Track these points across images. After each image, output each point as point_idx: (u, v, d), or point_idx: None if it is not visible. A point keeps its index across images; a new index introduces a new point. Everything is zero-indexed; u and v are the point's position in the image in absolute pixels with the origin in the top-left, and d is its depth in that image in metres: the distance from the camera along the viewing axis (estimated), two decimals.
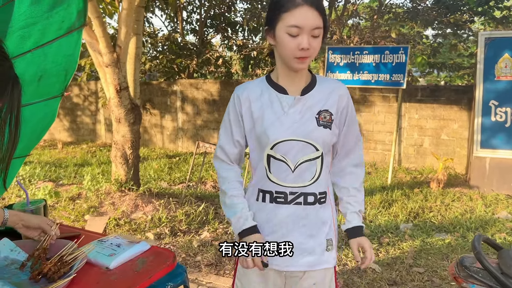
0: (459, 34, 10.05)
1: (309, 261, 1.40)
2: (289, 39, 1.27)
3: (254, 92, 1.43)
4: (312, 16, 1.25)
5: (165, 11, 10.24)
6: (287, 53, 1.30)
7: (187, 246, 3.57)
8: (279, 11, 1.28)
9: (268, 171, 1.40)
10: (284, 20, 1.27)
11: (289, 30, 1.26)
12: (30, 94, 1.89)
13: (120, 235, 1.49)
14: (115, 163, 4.45)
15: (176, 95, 8.94)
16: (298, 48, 1.27)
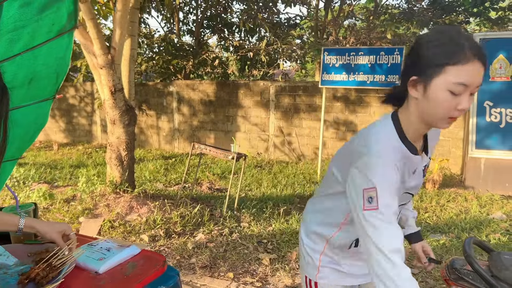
0: None
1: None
2: (449, 97, 1.08)
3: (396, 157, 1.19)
4: (481, 73, 1.07)
5: (162, 12, 10.23)
6: (440, 112, 1.11)
7: (182, 248, 3.56)
8: (443, 63, 1.06)
9: None
10: (449, 74, 1.06)
11: (454, 88, 1.06)
12: (21, 97, 1.88)
13: (110, 239, 1.48)
14: (110, 164, 4.44)
15: (172, 96, 8.93)
16: (456, 108, 1.08)
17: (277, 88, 7.90)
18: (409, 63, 1.16)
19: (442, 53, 1.06)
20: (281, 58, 10.09)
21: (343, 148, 1.37)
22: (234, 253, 3.49)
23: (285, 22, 10.32)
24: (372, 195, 1.11)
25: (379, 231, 1.08)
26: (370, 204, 1.11)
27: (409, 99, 1.19)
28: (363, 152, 1.16)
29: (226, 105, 8.44)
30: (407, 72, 1.16)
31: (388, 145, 1.18)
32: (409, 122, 1.20)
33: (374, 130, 1.22)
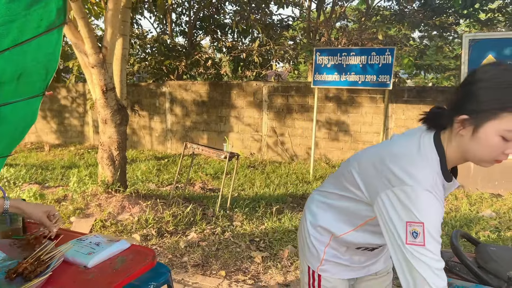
0: (445, 36, 10.21)
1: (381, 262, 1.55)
2: (500, 142, 1.05)
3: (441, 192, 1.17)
4: None
5: (154, 13, 10.21)
6: (487, 155, 1.09)
7: (174, 247, 3.55)
8: (500, 108, 1.03)
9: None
10: (504, 120, 1.03)
11: (506, 135, 1.04)
12: (10, 93, 1.87)
13: (100, 234, 1.48)
14: (102, 164, 4.42)
15: (165, 97, 8.91)
16: (503, 152, 1.07)
17: (270, 89, 7.92)
18: (462, 98, 1.10)
19: (500, 98, 1.03)
20: (274, 59, 10.11)
21: (371, 155, 1.27)
22: (226, 252, 3.49)
23: (277, 23, 10.36)
24: (418, 231, 1.08)
25: (431, 270, 1.06)
26: (414, 239, 1.08)
27: (454, 132, 1.14)
28: (407, 183, 1.10)
29: (219, 106, 8.44)
30: (459, 107, 1.10)
31: (434, 177, 1.13)
32: (450, 152, 1.16)
33: (421, 160, 1.14)
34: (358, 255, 1.44)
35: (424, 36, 10.42)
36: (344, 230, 1.36)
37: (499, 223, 4.45)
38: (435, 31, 9.97)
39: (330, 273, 1.44)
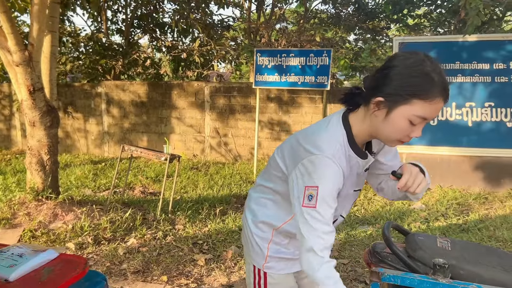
0: (378, 39, 10.79)
1: None
2: (406, 125, 1.13)
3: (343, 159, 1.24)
4: (441, 108, 1.13)
5: (87, 10, 9.71)
6: (393, 136, 1.18)
7: (112, 254, 3.39)
8: (412, 94, 1.10)
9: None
10: (415, 106, 1.10)
11: (414, 119, 1.12)
12: None
13: (24, 244, 1.36)
14: (30, 170, 4.11)
15: (101, 98, 8.50)
16: (409, 135, 1.16)
17: (212, 89, 7.86)
18: (379, 81, 1.17)
19: (413, 85, 1.10)
20: (216, 59, 10.06)
21: (290, 140, 1.36)
22: (168, 256, 3.40)
23: (218, 23, 10.31)
24: (313, 194, 1.16)
25: (315, 232, 1.15)
26: (309, 201, 1.17)
27: (367, 111, 1.22)
28: (313, 152, 1.19)
29: (159, 106, 8.22)
30: (375, 88, 1.17)
31: (338, 150, 1.22)
32: (359, 130, 1.25)
33: (326, 134, 1.24)
34: None
35: (358, 39, 10.93)
36: (283, 219, 1.39)
37: (428, 214, 4.77)
38: (369, 34, 10.49)
39: (275, 270, 1.46)
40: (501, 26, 9.01)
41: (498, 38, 5.98)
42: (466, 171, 5.96)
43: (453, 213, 4.80)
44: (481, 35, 6.48)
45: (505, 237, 3.95)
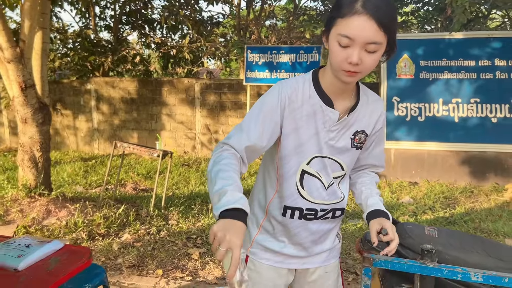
0: None
1: (323, 258, 1.44)
2: (338, 48, 1.11)
3: (298, 96, 1.25)
4: (370, 28, 1.05)
5: (75, 6, 9.62)
6: (334, 63, 1.14)
7: (107, 249, 3.42)
8: (335, 15, 1.11)
9: (300, 188, 1.31)
10: (337, 26, 1.10)
11: (340, 39, 1.09)
12: None
13: (29, 236, 1.40)
14: (23, 167, 4.10)
15: (90, 94, 8.46)
16: (346, 60, 1.10)
17: (202, 86, 7.88)
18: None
19: (336, 6, 1.12)
20: (205, 56, 10.07)
21: None
22: (163, 251, 3.44)
23: (208, 20, 10.31)
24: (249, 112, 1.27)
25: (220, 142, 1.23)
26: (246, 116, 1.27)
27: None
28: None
29: (149, 103, 8.21)
30: (324, 25, 1.20)
31: (293, 85, 1.25)
32: (325, 73, 1.25)
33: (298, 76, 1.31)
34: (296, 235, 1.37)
35: None
36: (269, 195, 1.37)
37: (416, 208, 4.90)
38: None
39: (257, 257, 1.40)
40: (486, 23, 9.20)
41: (484, 35, 6.13)
42: (453, 166, 6.12)
43: (440, 207, 4.93)
44: (467, 32, 6.62)
45: (489, 229, 4.08)
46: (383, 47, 1.11)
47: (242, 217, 0.99)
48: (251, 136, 1.21)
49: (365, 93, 1.32)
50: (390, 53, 1.17)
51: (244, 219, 1.00)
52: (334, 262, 1.48)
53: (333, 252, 1.47)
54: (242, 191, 1.08)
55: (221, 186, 1.05)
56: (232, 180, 1.08)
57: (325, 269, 1.45)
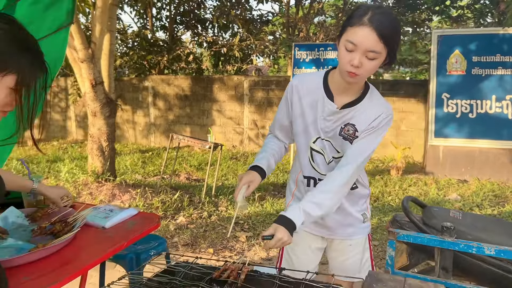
0: (418, 31, 10.66)
1: (348, 232, 1.64)
2: (344, 52, 1.32)
3: (308, 87, 1.53)
4: (371, 38, 1.27)
5: (135, 8, 10.30)
6: (340, 64, 1.37)
7: (164, 229, 3.82)
8: (347, 24, 1.33)
9: (311, 161, 1.58)
10: (346, 33, 1.32)
11: (346, 44, 1.31)
12: None
13: (111, 204, 1.74)
14: (92, 155, 4.61)
15: (147, 91, 9.06)
16: (349, 63, 1.31)
17: (250, 83, 8.19)
18: None
19: (349, 17, 1.34)
20: (254, 54, 10.37)
21: None
22: (213, 233, 3.78)
23: (257, 18, 10.60)
24: None
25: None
26: None
27: None
28: None
29: (201, 100, 8.66)
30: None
31: (304, 77, 1.58)
32: (335, 72, 1.48)
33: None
34: None
35: None
36: (298, 168, 1.66)
37: (462, 205, 4.87)
38: (409, 27, 10.40)
39: None
40: None
41: None
42: (505, 164, 5.94)
43: (489, 204, 4.86)
44: None
45: None
46: (382, 56, 1.32)
47: (254, 168, 1.56)
48: (278, 118, 1.65)
49: (371, 96, 1.49)
50: (389, 63, 1.37)
51: (255, 169, 1.56)
52: (359, 238, 1.65)
53: (358, 230, 1.65)
54: (266, 159, 1.60)
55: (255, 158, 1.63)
56: (261, 154, 1.63)
57: (349, 242, 1.65)
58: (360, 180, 1.62)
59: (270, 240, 1.35)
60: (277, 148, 1.67)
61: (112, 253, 1.43)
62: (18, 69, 0.97)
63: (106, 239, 1.48)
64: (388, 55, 1.33)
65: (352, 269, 1.62)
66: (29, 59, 0.99)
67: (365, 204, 1.67)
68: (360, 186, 1.63)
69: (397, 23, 1.35)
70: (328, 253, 1.72)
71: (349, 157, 1.46)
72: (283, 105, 1.60)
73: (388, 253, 1.53)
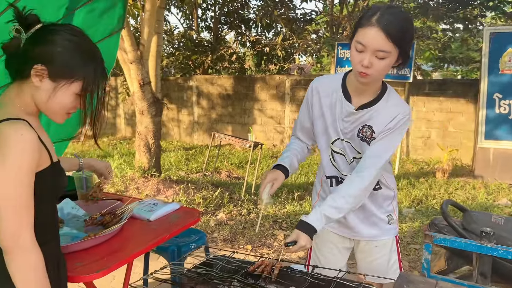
0: (470, 28, 10.18)
1: (374, 233, 1.64)
2: (355, 52, 1.35)
3: (327, 88, 1.56)
4: (379, 38, 1.28)
5: (181, 9, 10.62)
6: (352, 65, 1.39)
7: (205, 225, 3.95)
8: (357, 25, 1.35)
9: (332, 160, 1.61)
10: (357, 34, 1.34)
11: (356, 45, 1.34)
12: None
13: (155, 199, 1.85)
14: (139, 151, 4.85)
15: (192, 90, 9.33)
16: (360, 63, 1.33)
17: (292, 82, 8.20)
18: None
19: (359, 19, 1.37)
20: (297, 53, 10.35)
21: None
22: (252, 230, 3.86)
23: (301, 17, 10.56)
24: None
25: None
26: None
27: None
28: None
29: (243, 99, 8.79)
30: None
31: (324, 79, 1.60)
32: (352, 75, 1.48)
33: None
34: None
35: (447, 29, 10.41)
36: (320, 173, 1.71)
37: None
38: (460, 23, 9.95)
39: None
40: None
41: None
42: None
43: None
44: None
45: None
46: (392, 55, 1.33)
47: (278, 167, 1.61)
48: (299, 121, 1.69)
49: (388, 97, 1.50)
50: (403, 63, 1.38)
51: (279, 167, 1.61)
52: (385, 240, 1.65)
53: (383, 231, 1.65)
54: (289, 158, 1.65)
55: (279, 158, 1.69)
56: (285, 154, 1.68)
57: (375, 244, 1.66)
58: (384, 181, 1.62)
59: (293, 246, 1.41)
60: (300, 149, 1.72)
61: (155, 244, 1.53)
62: (84, 76, 1.08)
63: (150, 231, 1.59)
64: (400, 55, 1.34)
65: (379, 270, 1.62)
66: (93, 67, 1.10)
67: (391, 206, 1.67)
68: (384, 187, 1.62)
69: (407, 23, 1.35)
70: (356, 254, 1.73)
71: (368, 160, 1.46)
72: (304, 107, 1.64)
73: (424, 256, 1.52)
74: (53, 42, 1.05)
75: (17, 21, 1.06)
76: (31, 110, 1.10)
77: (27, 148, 1.00)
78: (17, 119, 1.03)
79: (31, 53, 1.04)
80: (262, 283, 1.28)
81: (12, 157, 0.98)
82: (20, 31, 1.05)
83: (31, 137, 1.02)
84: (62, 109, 1.10)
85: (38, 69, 1.03)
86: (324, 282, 1.25)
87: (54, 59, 1.04)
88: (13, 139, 0.99)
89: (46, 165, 1.10)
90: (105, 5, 1.87)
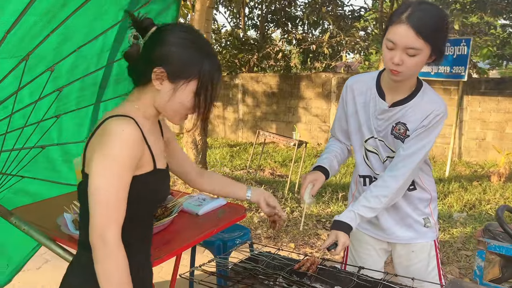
0: None
1: (409, 236, 1.60)
2: (386, 51, 1.34)
3: (361, 86, 1.55)
4: (409, 35, 1.26)
5: (229, 8, 10.76)
6: (384, 63, 1.38)
7: (249, 221, 4.01)
8: (388, 24, 1.34)
9: (366, 159, 1.59)
10: (388, 32, 1.33)
11: (386, 43, 1.33)
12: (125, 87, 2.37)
13: (203, 194, 1.92)
14: (187, 148, 5.00)
15: (237, 88, 9.45)
16: (391, 60, 1.32)
17: (338, 80, 8.08)
18: None
19: (390, 17, 1.35)
20: (344, 51, 10.18)
21: None
22: (295, 228, 3.87)
23: (349, 14, 10.36)
24: None
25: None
26: None
27: None
28: None
29: (288, 97, 8.78)
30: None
31: (359, 77, 1.59)
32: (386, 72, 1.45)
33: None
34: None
35: (507, 25, 9.80)
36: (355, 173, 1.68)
37: None
38: None
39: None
40: None
41: None
42: None
43: None
44: None
45: None
46: (425, 53, 1.30)
47: (317, 168, 1.60)
48: (337, 120, 1.67)
49: (423, 94, 1.46)
50: (437, 60, 1.36)
51: (318, 169, 1.60)
52: (422, 244, 1.60)
53: (419, 234, 1.59)
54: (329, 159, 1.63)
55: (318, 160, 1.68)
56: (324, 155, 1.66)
57: (412, 248, 1.60)
58: (419, 182, 1.57)
59: (336, 248, 1.39)
60: (339, 150, 1.69)
61: (203, 238, 1.59)
62: (199, 74, 1.06)
63: (198, 225, 1.65)
64: (433, 52, 1.32)
65: (417, 275, 1.54)
66: (209, 63, 1.07)
67: (428, 209, 1.61)
68: (419, 189, 1.58)
69: (440, 18, 1.31)
70: (394, 259, 1.70)
71: (401, 159, 1.44)
72: (340, 107, 1.63)
73: (477, 263, 1.46)
74: (168, 43, 1.04)
75: (134, 27, 1.06)
76: (149, 113, 1.10)
77: (127, 143, 0.99)
78: (124, 115, 1.03)
79: (149, 57, 1.04)
80: (307, 281, 1.29)
81: (111, 150, 0.97)
82: (138, 37, 1.06)
83: (133, 133, 1.00)
84: (183, 109, 1.08)
85: (157, 72, 1.03)
86: (371, 284, 1.24)
87: (171, 59, 1.03)
88: (113, 133, 0.98)
89: (148, 169, 1.07)
90: (160, 6, 1.94)
